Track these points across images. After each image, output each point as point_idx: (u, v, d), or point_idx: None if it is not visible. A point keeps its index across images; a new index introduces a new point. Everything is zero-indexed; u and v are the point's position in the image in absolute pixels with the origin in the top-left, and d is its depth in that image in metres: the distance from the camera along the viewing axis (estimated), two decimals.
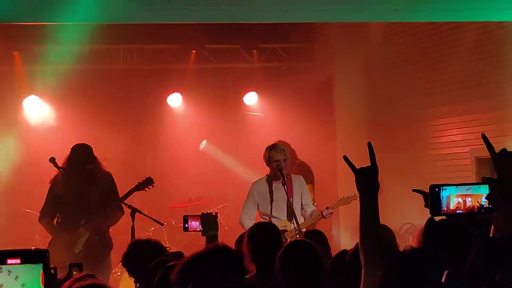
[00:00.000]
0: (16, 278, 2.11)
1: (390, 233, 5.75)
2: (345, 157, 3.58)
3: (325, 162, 12.09)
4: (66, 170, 8.04)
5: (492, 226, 3.41)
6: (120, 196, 8.11)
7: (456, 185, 3.28)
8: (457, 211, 3.22)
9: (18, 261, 2.11)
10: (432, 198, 3.26)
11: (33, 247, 2.15)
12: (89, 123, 11.72)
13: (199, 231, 5.73)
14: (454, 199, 3.23)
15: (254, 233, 5.38)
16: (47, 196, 8.26)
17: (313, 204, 8.74)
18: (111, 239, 8.34)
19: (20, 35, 11.02)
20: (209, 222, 5.60)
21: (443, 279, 3.04)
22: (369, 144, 3.55)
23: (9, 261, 2.11)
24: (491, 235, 3.40)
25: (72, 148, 8.19)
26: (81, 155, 8.10)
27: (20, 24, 8.77)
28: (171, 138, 12.47)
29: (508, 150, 3.48)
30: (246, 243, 5.22)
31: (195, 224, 5.84)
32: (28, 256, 2.11)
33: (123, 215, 8.25)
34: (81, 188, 8.07)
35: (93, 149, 8.22)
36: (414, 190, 3.73)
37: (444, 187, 3.25)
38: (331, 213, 8.50)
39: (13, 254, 2.11)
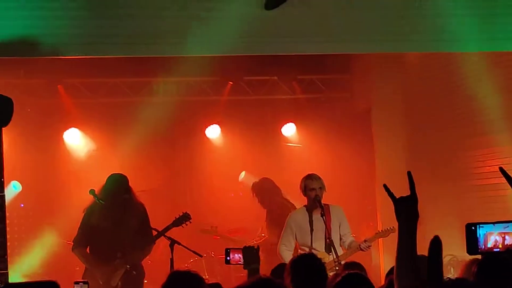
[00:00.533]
0: None
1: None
2: (385, 186, 3.57)
3: (364, 194, 12.03)
4: (104, 200, 8.03)
5: None
6: (158, 229, 8.08)
7: (493, 223, 3.23)
8: (495, 249, 3.16)
9: None
10: (469, 236, 3.22)
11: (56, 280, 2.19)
12: (128, 154, 11.80)
13: (241, 264, 5.74)
14: (491, 237, 3.18)
15: (297, 264, 5.35)
16: (80, 225, 8.23)
17: (351, 235, 8.69)
18: (143, 269, 8.32)
19: (63, 69, 11.15)
20: (251, 255, 5.63)
21: None
22: (409, 173, 3.54)
23: None
24: None
25: (108, 178, 8.20)
26: (117, 185, 8.11)
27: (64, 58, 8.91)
28: (209, 170, 12.51)
29: None
30: (287, 275, 5.20)
31: (237, 257, 5.85)
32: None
33: (153, 245, 8.25)
34: (116, 218, 8.04)
35: (131, 181, 8.24)
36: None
37: (481, 225, 3.21)
38: (369, 246, 8.44)
39: (27, 286, 2.17)
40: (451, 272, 10.30)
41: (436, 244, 3.39)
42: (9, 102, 7.32)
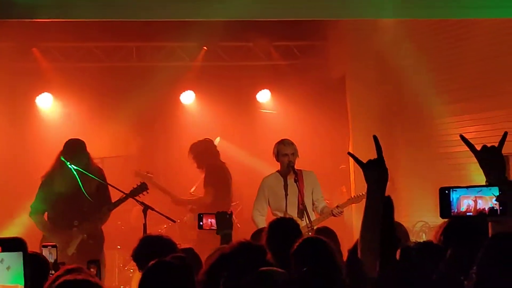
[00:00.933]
0: (2, 261, 2.15)
1: (403, 230, 5.74)
2: (349, 153, 3.58)
3: (338, 159, 12.07)
4: (59, 165, 7.95)
5: (490, 226, 3.34)
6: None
7: (467, 187, 3.25)
8: (467, 213, 3.19)
9: None
10: (442, 200, 3.24)
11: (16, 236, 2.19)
12: (102, 121, 11.77)
13: (214, 229, 5.76)
14: (464, 202, 3.21)
15: (273, 229, 5.37)
16: (38, 191, 8.14)
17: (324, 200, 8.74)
18: (103, 236, 8.28)
19: (37, 32, 11.02)
20: (224, 220, 5.67)
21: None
22: (375, 137, 3.55)
23: None
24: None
25: (65, 143, 8.08)
26: (75, 151, 8.02)
27: (39, 20, 8.79)
28: (184, 135, 12.48)
29: (488, 146, 3.45)
30: (266, 239, 5.23)
31: (210, 222, 5.87)
32: (8, 245, 2.16)
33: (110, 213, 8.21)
34: (74, 184, 7.95)
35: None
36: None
37: (454, 189, 3.22)
38: (341, 212, 8.50)
39: None
40: (422, 238, 10.40)
41: (387, 206, 3.41)
42: None
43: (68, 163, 7.91)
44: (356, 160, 3.54)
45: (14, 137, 11.75)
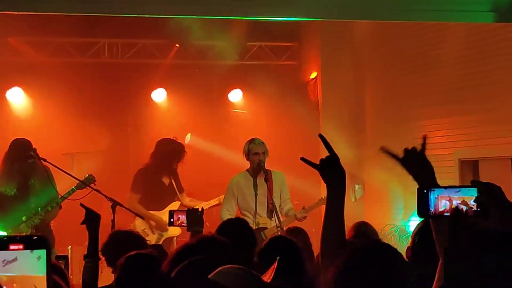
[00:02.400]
0: (32, 251, 2.12)
1: (372, 230, 5.76)
2: (302, 158, 3.52)
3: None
4: (6, 165, 8.09)
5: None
6: (61, 194, 8.10)
7: (445, 187, 3.24)
8: (445, 214, 3.19)
9: (21, 246, 2.11)
10: (420, 200, 3.23)
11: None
12: (72, 117, 11.71)
13: (184, 226, 5.74)
14: (442, 202, 3.20)
15: (223, 230, 5.30)
16: None
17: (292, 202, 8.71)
18: (52, 233, 8.32)
19: (8, 25, 10.90)
20: (195, 218, 5.64)
21: None
22: (320, 136, 3.51)
23: (11, 247, 2.11)
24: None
25: (11, 143, 8.20)
26: (21, 150, 8.07)
27: (9, 13, 8.70)
28: (155, 133, 12.42)
29: (409, 149, 3.44)
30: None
31: (181, 219, 5.85)
32: (30, 242, 2.12)
33: (60, 209, 8.25)
34: (21, 183, 8.10)
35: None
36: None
37: (432, 189, 3.21)
38: (305, 216, 8.44)
39: (16, 240, 2.12)
40: (391, 241, 10.44)
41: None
42: None
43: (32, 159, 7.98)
44: (309, 163, 3.48)
45: None
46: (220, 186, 9.38)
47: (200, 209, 5.73)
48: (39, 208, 8.06)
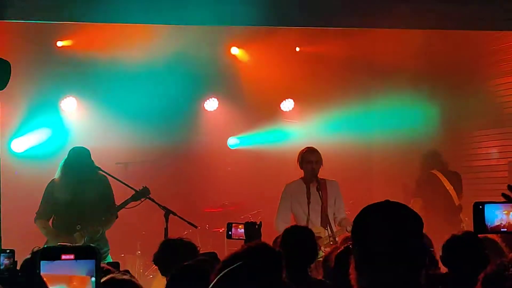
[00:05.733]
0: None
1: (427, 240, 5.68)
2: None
3: (361, 172, 12.01)
4: (64, 172, 8.14)
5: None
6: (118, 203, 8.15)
7: (501, 202, 3.21)
8: (502, 229, 3.15)
9: (72, 256, 2.15)
10: (476, 215, 3.18)
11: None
12: (125, 125, 11.75)
13: (242, 239, 5.72)
14: (498, 217, 3.16)
15: (287, 237, 5.35)
16: (43, 197, 8.32)
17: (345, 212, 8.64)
18: (107, 242, 8.36)
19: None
20: (253, 231, 5.61)
21: None
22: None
23: (63, 257, 2.15)
24: None
25: (70, 151, 8.27)
26: (79, 158, 8.14)
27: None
28: (205, 142, 12.50)
29: None
30: (279, 243, 5.23)
31: (239, 232, 5.83)
32: (81, 252, 2.15)
33: (116, 219, 8.29)
34: (78, 192, 8.14)
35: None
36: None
37: (488, 204, 3.18)
38: None
39: (67, 250, 2.17)
40: None
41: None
42: (6, 66, 7.22)
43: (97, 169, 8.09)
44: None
45: None
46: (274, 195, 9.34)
47: (258, 222, 5.72)
48: (94, 218, 8.11)
